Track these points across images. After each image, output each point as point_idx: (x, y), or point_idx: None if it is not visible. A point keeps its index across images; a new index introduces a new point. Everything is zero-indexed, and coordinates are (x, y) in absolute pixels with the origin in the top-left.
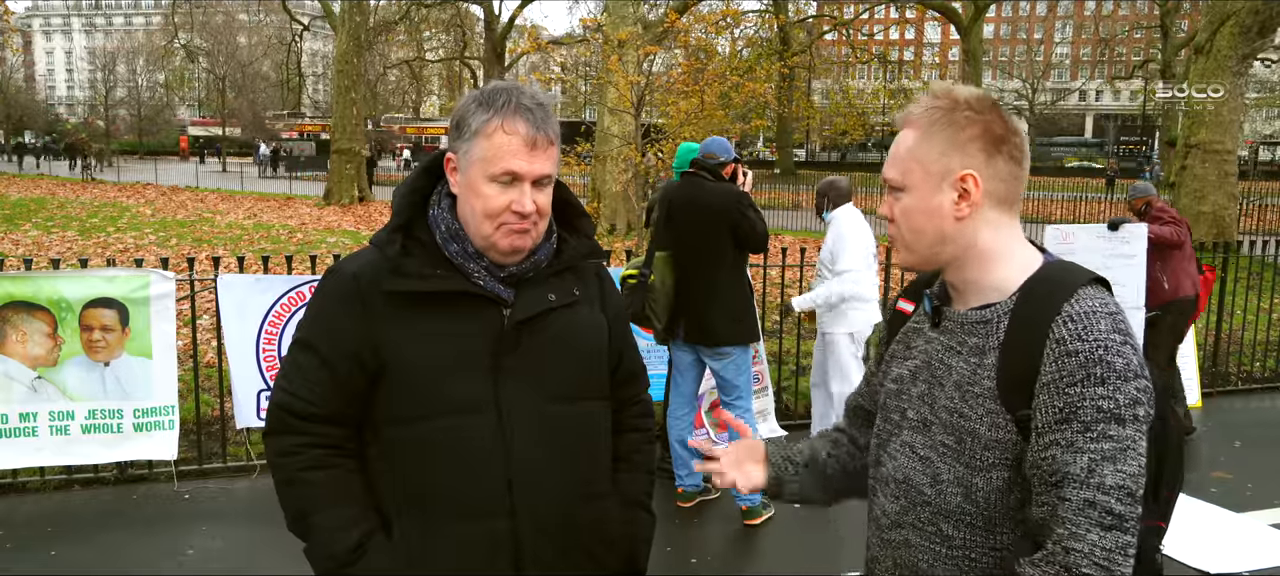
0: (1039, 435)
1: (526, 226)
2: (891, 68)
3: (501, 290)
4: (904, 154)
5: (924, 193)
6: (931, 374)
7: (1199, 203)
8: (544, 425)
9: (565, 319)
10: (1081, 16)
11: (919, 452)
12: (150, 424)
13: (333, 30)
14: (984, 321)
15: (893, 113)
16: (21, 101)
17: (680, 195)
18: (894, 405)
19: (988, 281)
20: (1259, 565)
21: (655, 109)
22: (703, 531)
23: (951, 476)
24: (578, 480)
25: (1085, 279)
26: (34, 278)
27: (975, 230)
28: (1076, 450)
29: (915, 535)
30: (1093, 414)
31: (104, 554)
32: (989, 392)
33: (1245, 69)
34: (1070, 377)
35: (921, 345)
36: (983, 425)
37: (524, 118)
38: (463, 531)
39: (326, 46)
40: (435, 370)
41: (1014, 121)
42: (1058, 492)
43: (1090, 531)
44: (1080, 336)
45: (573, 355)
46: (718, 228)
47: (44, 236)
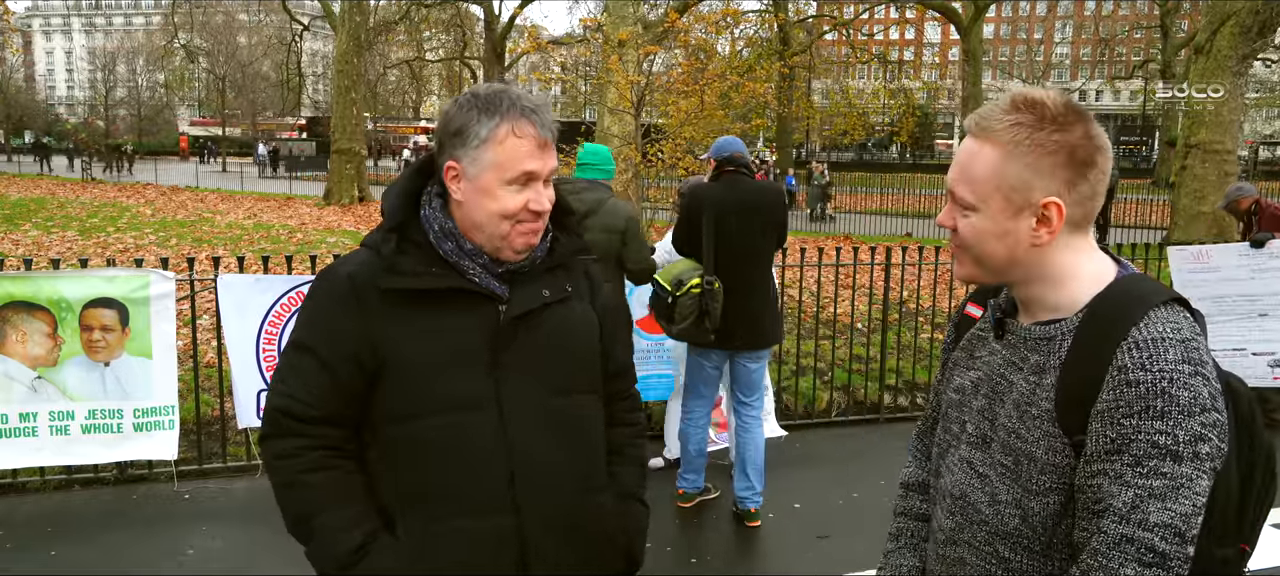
0: (1088, 462)
1: (540, 225)
2: (891, 68)
3: (496, 286)
4: (982, 175)
5: (1000, 217)
6: (992, 388)
7: (1199, 203)
8: (545, 419)
9: (560, 315)
10: (1081, 16)
11: (977, 469)
12: (150, 424)
13: (333, 30)
14: (1047, 338)
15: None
16: (21, 101)
17: (729, 197)
18: (955, 416)
19: (1056, 297)
20: (1259, 565)
21: (655, 109)
22: (703, 531)
23: (1009, 497)
24: (577, 475)
25: (1160, 299)
26: (34, 277)
27: (1051, 255)
28: (1124, 483)
29: (971, 553)
30: (1146, 448)
31: (104, 554)
32: (1047, 414)
33: (1245, 69)
34: (1128, 409)
35: (984, 356)
36: (1040, 448)
37: (530, 120)
38: (467, 528)
39: (326, 46)
40: (433, 367)
41: (1101, 136)
42: (1098, 522)
43: (1125, 566)
44: (1144, 365)
45: (568, 350)
46: (768, 226)
47: (44, 236)
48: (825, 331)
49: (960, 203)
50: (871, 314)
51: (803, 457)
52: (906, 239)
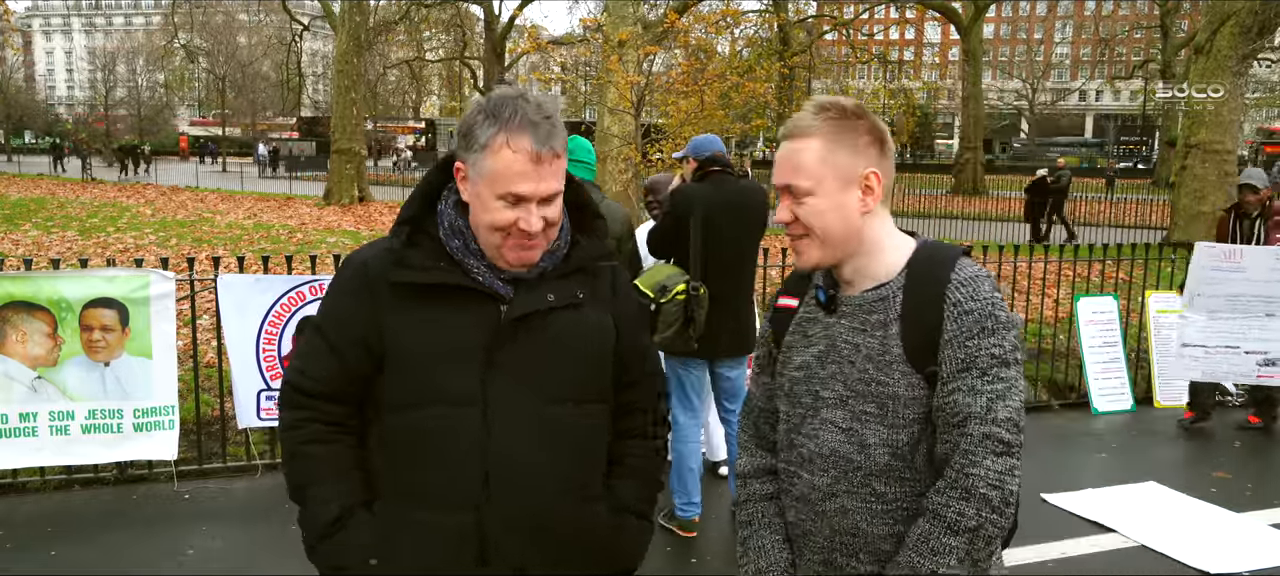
0: (944, 383)
1: (534, 244)
2: (891, 68)
3: (500, 286)
4: (813, 162)
5: (834, 193)
6: (838, 354)
7: (1199, 203)
8: (533, 423)
9: (567, 320)
10: (1081, 16)
11: (841, 426)
12: (150, 424)
13: (333, 30)
14: (881, 299)
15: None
16: (21, 101)
17: (716, 198)
18: (805, 389)
19: (877, 266)
20: (1259, 565)
21: (655, 109)
22: (704, 532)
23: (877, 439)
24: (563, 481)
25: (960, 251)
26: (34, 277)
27: (872, 222)
28: (976, 393)
29: (850, 500)
30: (988, 360)
31: (104, 554)
32: (899, 358)
33: (1245, 69)
34: (969, 332)
35: (820, 332)
36: (901, 387)
37: (529, 133)
38: (428, 521)
39: (326, 46)
40: (429, 359)
41: (884, 124)
42: (961, 430)
43: (986, 458)
44: (973, 297)
45: (571, 356)
46: (753, 227)
47: (44, 236)
48: None
49: (797, 193)
50: None
51: None
52: None
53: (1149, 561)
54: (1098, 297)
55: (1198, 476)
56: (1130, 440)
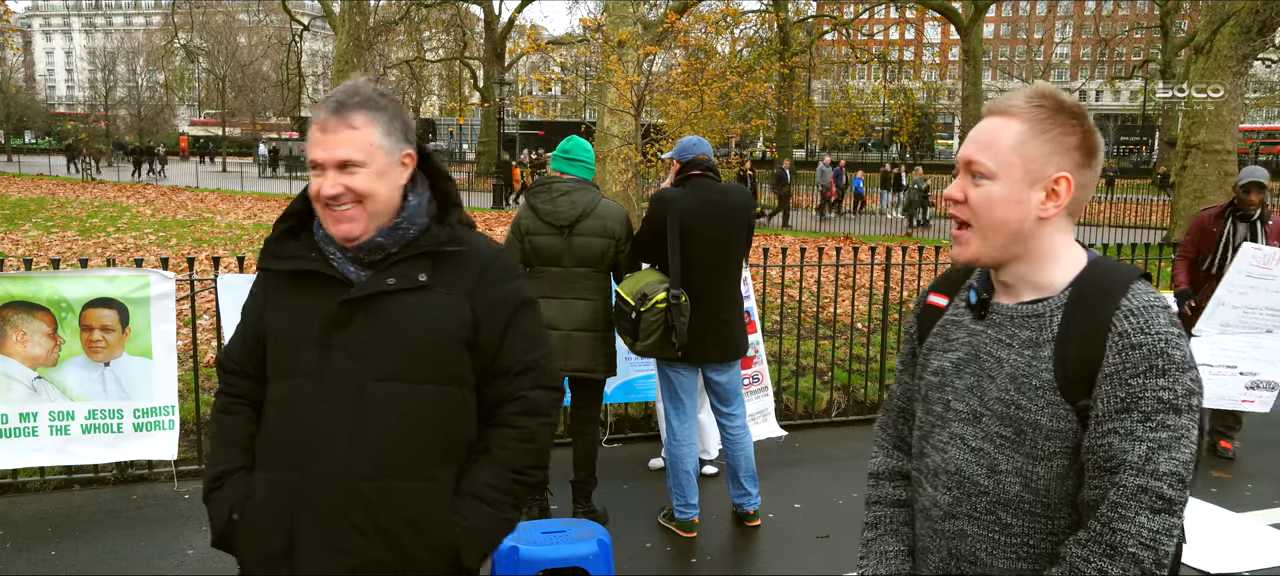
0: (1098, 423)
1: (347, 215)
2: (891, 68)
3: (351, 271)
4: (1006, 145)
5: (1017, 186)
6: (979, 366)
7: (1199, 202)
8: (357, 399)
9: (407, 302)
10: (1081, 16)
11: (971, 444)
12: (150, 424)
13: (333, 30)
14: (1036, 315)
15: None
16: (21, 101)
17: (702, 203)
18: (937, 398)
19: (1042, 278)
20: (1259, 565)
21: (655, 109)
22: (703, 532)
23: (1010, 466)
24: (378, 455)
25: (1136, 275)
26: (34, 277)
27: (1048, 232)
28: (1135, 438)
29: (971, 525)
30: (1153, 404)
31: (104, 554)
32: (1048, 385)
33: (1245, 69)
34: (1134, 369)
35: (963, 337)
36: (1043, 415)
37: (325, 106)
38: (269, 479)
39: (326, 46)
40: (288, 339)
41: (1100, 135)
42: (1112, 477)
43: (1140, 514)
44: (1143, 330)
45: (406, 337)
46: (738, 232)
47: (44, 236)
48: (825, 331)
49: (978, 171)
50: (871, 314)
51: (803, 457)
52: (907, 238)
53: None
54: None
55: (1198, 476)
56: None
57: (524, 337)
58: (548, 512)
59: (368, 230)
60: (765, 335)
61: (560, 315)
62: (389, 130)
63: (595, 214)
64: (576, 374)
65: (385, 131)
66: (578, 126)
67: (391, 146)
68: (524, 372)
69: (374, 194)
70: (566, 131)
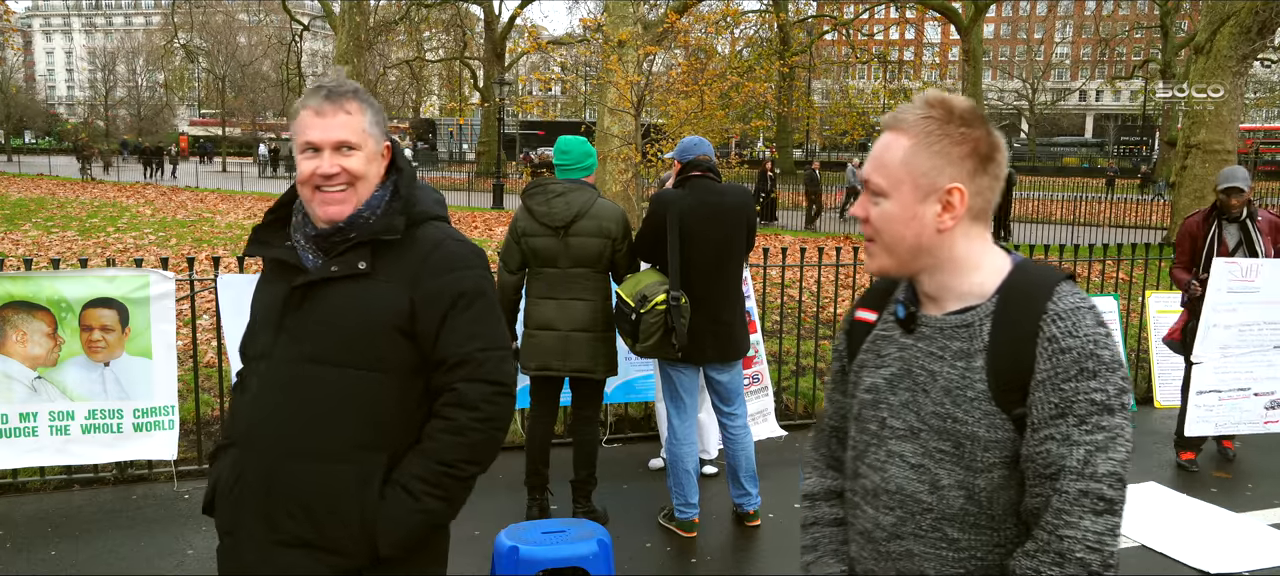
0: (1035, 430)
1: (338, 198)
2: (891, 68)
3: (308, 259)
4: (895, 162)
5: (909, 202)
6: (913, 381)
7: (1199, 202)
8: (287, 382)
9: (345, 290)
10: (1081, 16)
11: (911, 461)
12: (150, 424)
13: (333, 30)
14: (965, 325)
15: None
16: (21, 101)
17: (696, 204)
18: (872, 415)
19: (964, 286)
20: (1259, 565)
21: (655, 109)
22: (704, 532)
23: (952, 480)
24: (296, 437)
25: (1060, 277)
26: (34, 277)
27: (953, 241)
28: (1072, 443)
29: (917, 543)
30: (1087, 407)
31: (104, 554)
32: (982, 395)
33: (1245, 69)
34: (1065, 373)
35: (894, 353)
36: (981, 427)
37: (318, 93)
38: (226, 457)
39: (326, 46)
40: (256, 322)
41: (998, 136)
42: (1053, 484)
43: (1084, 518)
44: (1071, 332)
45: (340, 323)
46: (738, 233)
47: (44, 236)
48: (825, 331)
49: (874, 190)
50: None
51: (803, 457)
52: None
53: (1149, 561)
54: (1098, 297)
55: (1198, 476)
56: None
57: (460, 330)
58: (548, 512)
59: (346, 215)
60: (765, 335)
61: (558, 316)
62: (376, 120)
63: (591, 214)
64: (575, 374)
65: (373, 121)
66: (577, 126)
67: (377, 136)
68: (459, 365)
69: (366, 177)
70: (566, 131)
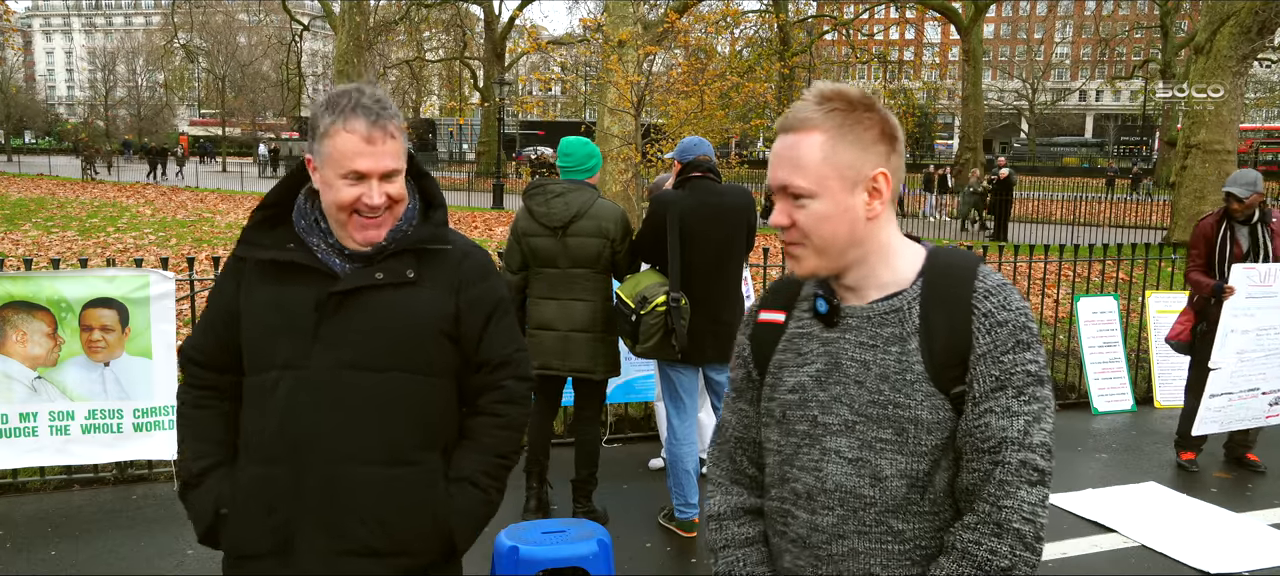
0: (975, 404)
1: (377, 222)
2: (891, 68)
3: (336, 263)
4: (815, 160)
5: (840, 197)
6: (842, 374)
7: (1199, 202)
8: (336, 389)
9: (393, 296)
10: (1081, 16)
11: (848, 455)
12: (150, 424)
13: (333, 30)
14: (893, 310)
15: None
16: (21, 101)
17: (696, 205)
18: (800, 415)
19: (886, 275)
20: (1259, 565)
21: (655, 109)
22: (702, 531)
23: (894, 470)
24: (357, 443)
25: (978, 258)
26: (34, 277)
27: (880, 228)
28: (1012, 415)
29: (861, 541)
30: (1023, 378)
31: (104, 554)
32: (921, 376)
33: (1245, 69)
34: (1003, 346)
35: (816, 349)
36: (924, 409)
37: (362, 116)
38: (255, 472)
39: (326, 46)
40: (269, 329)
41: (895, 119)
42: (994, 457)
43: (1021, 488)
44: (1004, 306)
45: (388, 328)
46: (738, 234)
47: (44, 236)
48: None
49: (796, 193)
50: None
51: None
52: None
53: (1149, 561)
54: (1098, 297)
55: (1198, 476)
56: (1130, 440)
57: (503, 333)
58: (547, 506)
59: (385, 234)
60: None
61: (558, 316)
62: (406, 141)
63: (589, 215)
64: (576, 374)
65: (406, 141)
66: (578, 126)
67: (406, 150)
68: (503, 365)
69: (403, 197)
70: (566, 131)
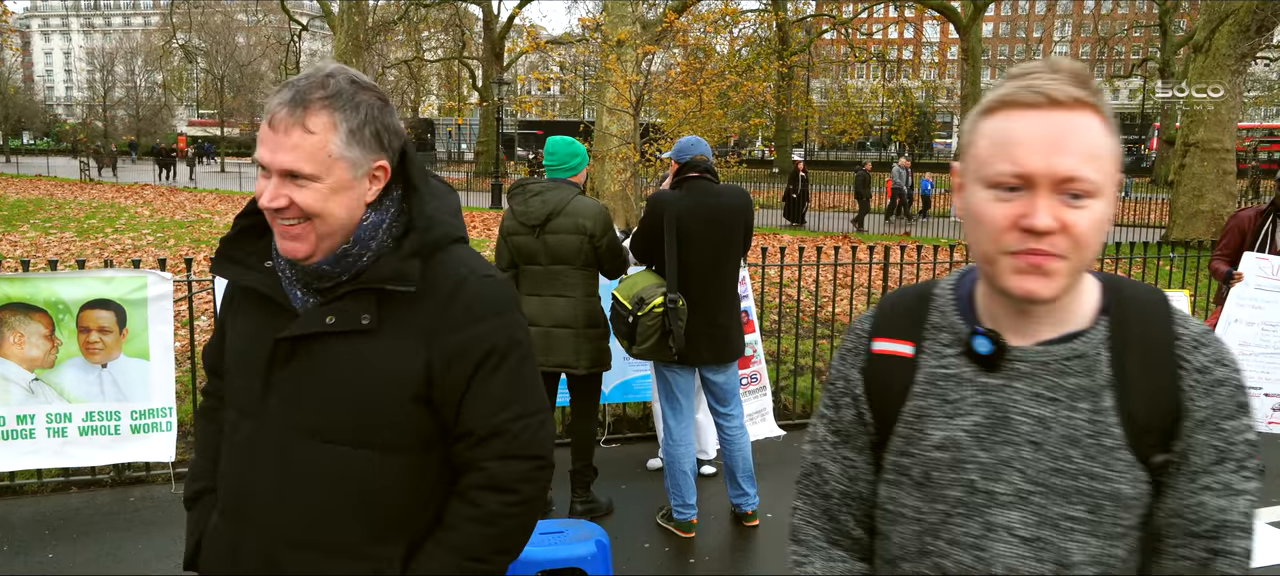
0: (1192, 478)
1: (292, 232)
2: (890, 67)
3: (296, 298)
4: (1106, 150)
5: (1112, 197)
6: (1012, 431)
7: (1197, 201)
8: (281, 457)
9: (345, 348)
10: (1081, 15)
11: (1023, 534)
12: (148, 425)
13: (331, 30)
14: (1078, 356)
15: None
16: (20, 102)
17: (693, 205)
18: (952, 478)
19: (1068, 307)
20: (1259, 564)
21: (654, 108)
22: (702, 532)
23: (1085, 555)
24: (308, 526)
25: (1163, 293)
26: (31, 279)
27: None
28: (1233, 493)
29: None
30: (1244, 449)
31: (101, 556)
32: (1121, 442)
33: (1244, 67)
34: (1226, 411)
35: (973, 396)
36: (1125, 482)
37: (284, 94)
38: (215, 521)
39: (325, 47)
40: (237, 359)
41: None
42: (1212, 543)
43: None
44: (1220, 360)
45: (340, 392)
46: (735, 235)
47: (42, 237)
48: (824, 330)
49: (1082, 191)
50: None
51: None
52: (905, 237)
53: None
54: None
55: None
56: None
57: (491, 394)
58: (548, 511)
59: (317, 252)
60: (764, 334)
61: (541, 312)
62: (356, 137)
63: (566, 212)
64: (559, 369)
65: (350, 139)
66: (576, 126)
67: (356, 158)
68: (490, 438)
69: (325, 215)
70: (565, 131)
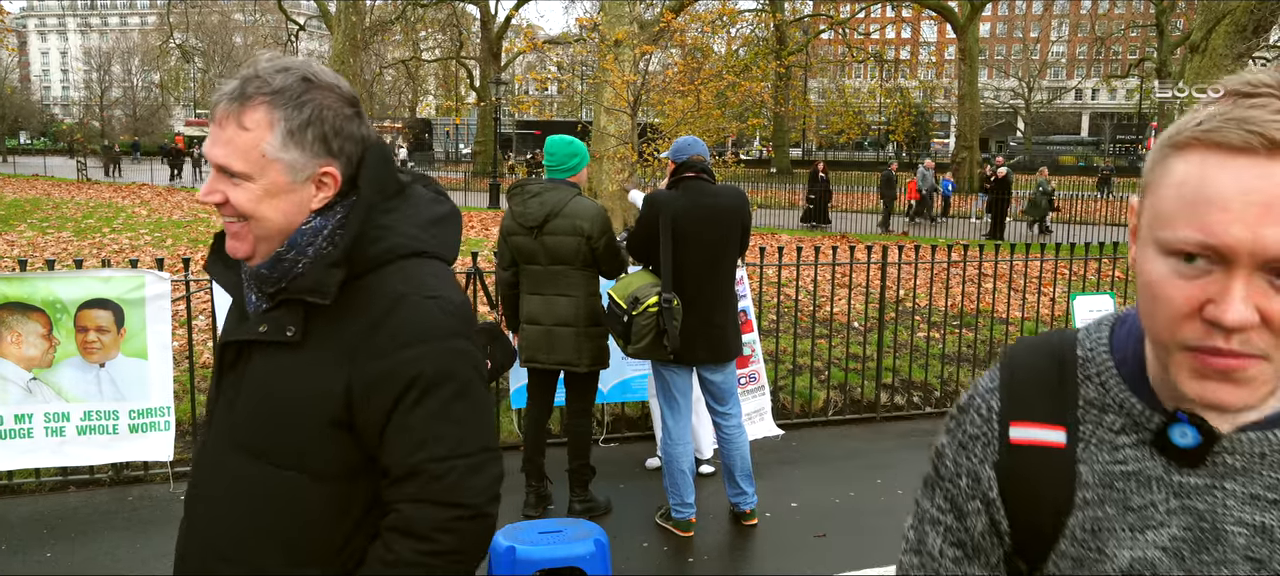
0: None
1: (230, 227)
2: (888, 67)
3: (251, 301)
4: None
5: None
6: (1226, 546)
7: None
8: (217, 468)
9: (273, 360)
10: (1077, 15)
11: None
12: (146, 425)
13: (329, 30)
14: None
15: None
16: (16, 102)
17: (689, 206)
18: None
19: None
20: None
21: (651, 108)
22: (701, 531)
23: None
24: (232, 545)
25: None
26: (29, 278)
27: None
28: None
29: None
30: None
31: (100, 556)
32: None
33: (1241, 67)
34: None
35: (1166, 502)
36: None
37: (226, 86)
38: (180, 524)
39: (323, 47)
40: (216, 359)
41: None
42: None
43: None
44: None
45: (260, 403)
46: (731, 235)
47: (39, 237)
48: (822, 330)
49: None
50: (868, 312)
51: (799, 456)
52: (903, 237)
53: None
54: (1094, 295)
55: None
56: None
57: (411, 430)
58: (547, 501)
59: (256, 254)
60: (762, 334)
61: (543, 310)
62: (295, 139)
63: (564, 213)
64: (559, 366)
65: (287, 139)
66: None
67: (294, 160)
68: (406, 480)
69: (258, 217)
70: (562, 131)
